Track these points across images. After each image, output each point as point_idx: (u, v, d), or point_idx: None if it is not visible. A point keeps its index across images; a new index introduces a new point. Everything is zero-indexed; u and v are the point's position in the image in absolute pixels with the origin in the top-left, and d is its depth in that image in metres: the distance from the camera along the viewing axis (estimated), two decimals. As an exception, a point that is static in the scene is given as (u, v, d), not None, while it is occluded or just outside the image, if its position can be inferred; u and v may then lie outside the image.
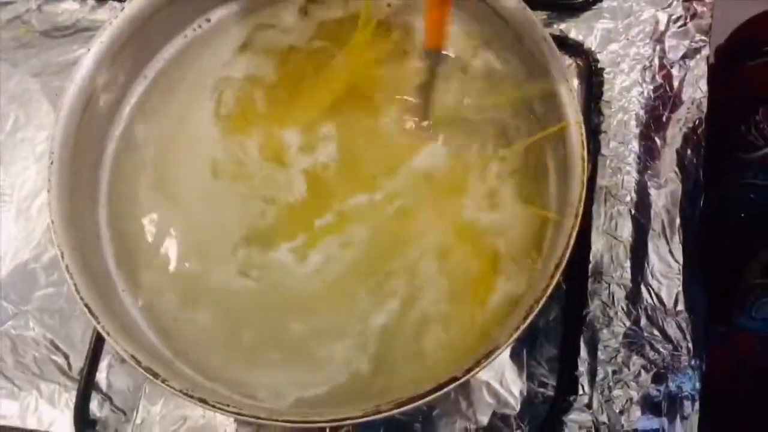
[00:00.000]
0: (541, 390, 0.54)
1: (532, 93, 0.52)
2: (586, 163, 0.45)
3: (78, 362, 0.57)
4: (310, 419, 0.42)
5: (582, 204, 0.44)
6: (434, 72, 0.55)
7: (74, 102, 0.49)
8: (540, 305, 0.43)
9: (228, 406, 0.42)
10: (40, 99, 0.65)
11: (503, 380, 0.54)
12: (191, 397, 0.43)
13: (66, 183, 0.48)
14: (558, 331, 0.55)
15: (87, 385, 0.56)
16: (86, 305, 0.45)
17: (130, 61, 0.54)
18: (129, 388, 0.57)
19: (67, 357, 0.58)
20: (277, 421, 0.42)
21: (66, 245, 0.46)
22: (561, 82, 0.47)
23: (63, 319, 0.59)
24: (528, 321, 0.42)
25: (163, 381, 0.43)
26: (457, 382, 0.41)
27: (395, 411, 0.42)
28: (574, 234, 0.44)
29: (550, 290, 0.43)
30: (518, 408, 0.53)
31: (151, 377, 0.43)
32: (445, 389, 0.41)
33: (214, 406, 0.42)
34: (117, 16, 0.51)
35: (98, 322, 0.45)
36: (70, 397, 0.56)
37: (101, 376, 0.57)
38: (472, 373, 0.42)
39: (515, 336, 0.42)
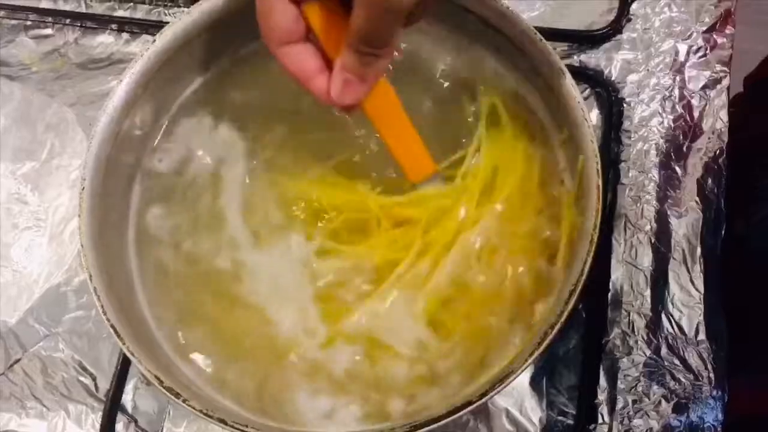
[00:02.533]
0: (561, 418, 0.54)
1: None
2: (600, 192, 0.45)
3: (105, 384, 0.59)
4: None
5: (597, 231, 0.44)
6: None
7: (106, 131, 0.51)
8: (555, 331, 0.43)
9: (246, 427, 0.43)
10: (75, 128, 0.68)
11: (523, 408, 0.54)
12: (211, 417, 0.43)
13: (96, 208, 0.50)
14: (578, 359, 0.55)
15: (113, 407, 0.57)
16: (112, 326, 0.46)
17: (161, 91, 0.55)
18: (154, 410, 0.58)
19: (94, 378, 0.59)
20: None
21: (94, 268, 0.48)
22: (577, 111, 0.48)
23: (91, 342, 0.60)
24: (543, 347, 0.43)
25: (184, 401, 0.44)
26: (472, 406, 0.42)
27: (410, 435, 0.42)
28: (589, 260, 0.44)
29: (565, 316, 0.43)
30: (537, 436, 0.53)
31: (172, 397, 0.44)
32: (460, 413, 0.42)
33: (233, 427, 0.43)
34: (148, 49, 0.52)
35: (123, 343, 0.46)
36: (96, 418, 0.58)
37: (127, 398, 0.58)
38: (486, 397, 0.42)
39: (530, 361, 0.42)
